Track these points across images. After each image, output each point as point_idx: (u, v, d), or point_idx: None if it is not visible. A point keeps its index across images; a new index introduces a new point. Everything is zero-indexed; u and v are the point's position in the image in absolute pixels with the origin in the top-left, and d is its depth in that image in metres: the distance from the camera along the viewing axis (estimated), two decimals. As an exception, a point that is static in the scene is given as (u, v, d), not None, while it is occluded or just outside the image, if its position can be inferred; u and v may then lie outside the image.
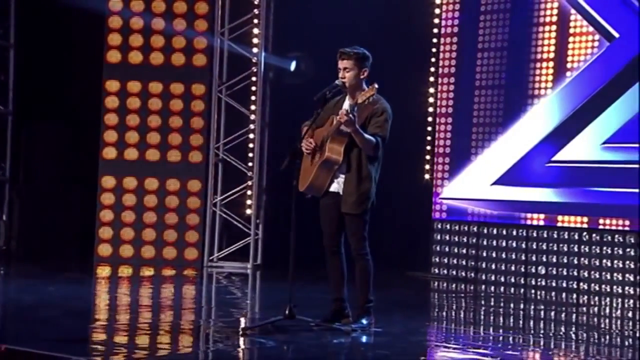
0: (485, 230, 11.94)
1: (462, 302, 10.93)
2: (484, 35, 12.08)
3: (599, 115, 11.16)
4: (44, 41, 13.03)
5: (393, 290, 10.50)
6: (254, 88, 12.51)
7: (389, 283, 10.51)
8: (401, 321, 8.75)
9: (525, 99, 11.77)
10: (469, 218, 12.09)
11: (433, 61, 12.42)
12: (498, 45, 11.99)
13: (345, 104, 7.92)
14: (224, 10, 12.42)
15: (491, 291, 11.47)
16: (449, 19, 12.35)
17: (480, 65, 12.07)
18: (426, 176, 12.37)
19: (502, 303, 10.76)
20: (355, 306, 8.00)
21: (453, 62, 12.30)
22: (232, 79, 12.51)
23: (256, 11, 12.47)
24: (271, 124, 12.66)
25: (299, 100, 12.35)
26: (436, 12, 12.38)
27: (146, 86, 12.42)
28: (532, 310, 10.37)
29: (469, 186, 12.07)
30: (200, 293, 10.87)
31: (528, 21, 11.75)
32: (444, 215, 12.29)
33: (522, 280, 11.61)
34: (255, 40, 12.48)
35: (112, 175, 12.40)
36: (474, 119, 12.12)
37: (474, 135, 12.12)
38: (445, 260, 12.22)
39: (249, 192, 12.52)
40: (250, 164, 12.51)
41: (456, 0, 12.30)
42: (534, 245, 11.59)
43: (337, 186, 7.93)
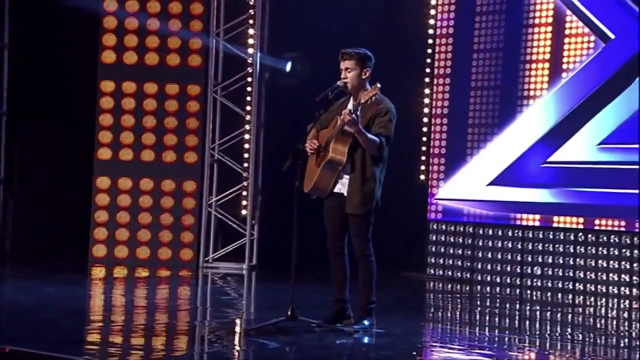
0: (481, 231, 11.96)
1: (460, 303, 10.96)
2: (479, 36, 12.10)
3: (595, 116, 11.18)
4: (39, 41, 12.99)
5: (389, 291, 10.50)
6: (250, 89, 12.51)
7: (385, 284, 10.43)
8: (401, 322, 8.77)
9: (521, 100, 11.78)
10: (465, 219, 12.12)
11: (428, 62, 12.45)
12: (493, 46, 12.01)
13: (350, 105, 7.92)
14: (219, 10, 12.41)
15: (487, 292, 11.48)
16: (444, 19, 12.38)
17: (476, 66, 12.10)
18: (421, 177, 12.40)
19: (498, 304, 10.77)
20: (356, 307, 8.00)
21: (448, 63, 12.32)
22: (228, 80, 12.49)
23: (251, 12, 12.46)
24: (266, 125, 12.65)
25: (294, 101, 12.43)
26: (432, 13, 12.41)
27: (141, 87, 12.40)
28: (528, 311, 10.40)
29: (465, 187, 12.10)
30: (200, 294, 10.92)
31: (523, 22, 11.76)
32: (439, 216, 12.32)
33: (518, 280, 11.63)
34: (251, 40, 12.47)
35: (107, 176, 12.37)
36: (470, 120, 12.14)
37: (469, 135, 12.14)
38: (441, 260, 12.25)
39: (245, 193, 12.51)
40: (246, 164, 12.50)
41: (452, 2, 12.33)
42: (529, 246, 11.61)
43: (342, 187, 7.93)
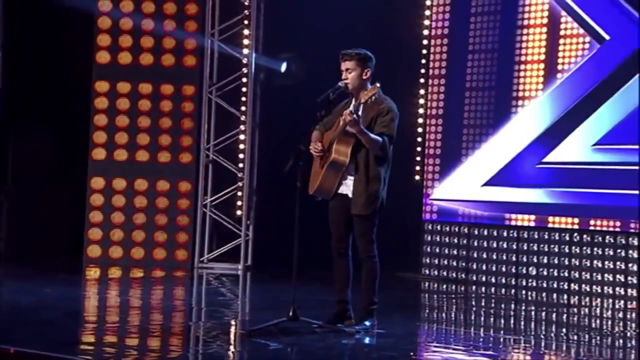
0: (476, 231, 11.99)
1: (458, 304, 10.98)
2: (474, 37, 12.13)
3: (590, 117, 11.20)
4: (33, 41, 12.96)
5: (386, 291, 10.48)
6: (245, 89, 12.52)
7: (380, 284, 10.51)
8: (401, 322, 8.79)
9: (516, 101, 11.81)
10: (460, 219, 12.14)
11: (424, 62, 12.48)
12: (488, 47, 12.04)
13: (351, 106, 7.91)
14: (214, 11, 12.41)
15: (482, 292, 11.50)
16: (439, 20, 12.41)
17: (471, 67, 12.13)
18: (417, 177, 12.43)
19: (493, 304, 10.80)
20: (357, 308, 8.02)
21: (444, 64, 12.36)
22: (223, 80, 12.50)
23: (246, 12, 12.47)
24: (262, 125, 12.65)
25: (289, 102, 12.49)
26: (426, 14, 12.45)
27: (136, 87, 12.39)
28: (524, 311, 10.42)
29: (460, 187, 12.12)
30: (195, 294, 10.94)
31: (518, 23, 11.78)
32: (434, 216, 12.34)
33: (513, 281, 11.65)
34: (246, 41, 12.48)
35: (102, 176, 12.36)
36: (465, 121, 12.17)
37: (464, 136, 12.17)
38: (436, 261, 12.27)
39: (240, 193, 12.52)
40: (241, 165, 12.51)
41: (446, 2, 12.35)
42: (524, 246, 11.63)
43: (346, 188, 7.92)
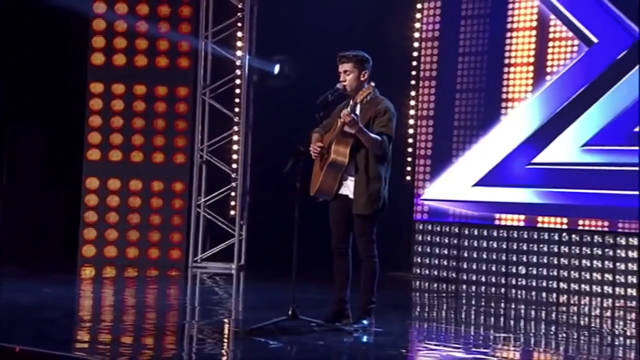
0: (466, 231, 12.05)
1: (449, 302, 11.03)
2: (464, 39, 12.19)
3: (579, 118, 11.26)
4: (28, 43, 12.97)
5: (378, 290, 10.59)
6: (238, 91, 12.57)
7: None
8: (397, 321, 8.86)
9: (506, 103, 11.88)
10: (450, 219, 12.20)
11: (415, 65, 12.56)
12: (478, 49, 12.10)
13: (348, 108, 7.92)
14: (208, 13, 12.46)
15: (472, 291, 11.56)
16: (430, 23, 12.48)
17: (461, 69, 12.19)
18: (408, 177, 12.48)
19: (484, 302, 10.85)
20: (355, 306, 8.07)
21: (434, 66, 12.43)
22: (216, 82, 12.55)
23: (240, 15, 12.52)
24: (255, 126, 12.69)
25: (282, 103, 12.58)
26: (417, 17, 12.51)
27: (130, 88, 12.45)
28: (513, 310, 10.50)
29: (450, 187, 12.18)
30: (189, 294, 11.00)
31: (508, 26, 11.86)
32: (425, 216, 12.41)
33: (503, 280, 11.71)
34: (239, 43, 12.54)
35: (97, 177, 12.42)
36: (455, 122, 12.23)
37: (454, 137, 12.23)
38: (427, 260, 12.34)
39: (233, 194, 12.57)
40: (235, 165, 12.56)
41: (437, 6, 12.43)
42: (514, 246, 11.69)
43: (346, 189, 7.96)
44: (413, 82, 12.56)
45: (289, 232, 8.35)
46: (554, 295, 11.26)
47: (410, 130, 12.48)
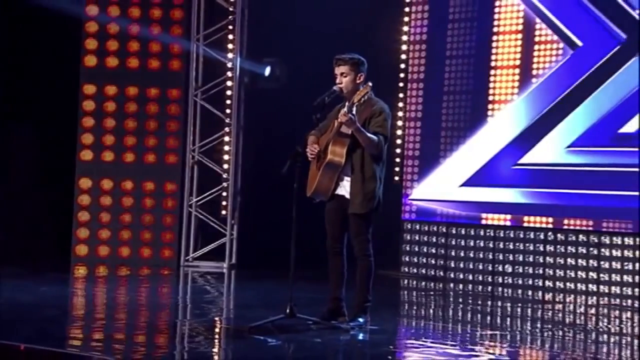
0: (454, 230, 12.12)
1: (441, 301, 11.04)
2: (452, 42, 12.25)
3: (564, 120, 11.35)
4: (22, 45, 12.98)
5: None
6: (229, 92, 12.64)
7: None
8: (391, 319, 8.97)
9: (492, 105, 11.95)
10: (438, 218, 12.25)
11: (403, 67, 12.61)
12: (465, 52, 12.16)
13: (345, 109, 7.99)
14: (200, 16, 12.54)
15: (460, 289, 11.62)
16: (417, 27, 12.52)
17: (449, 72, 12.25)
18: (396, 178, 12.52)
19: (471, 300, 10.90)
20: (351, 305, 8.11)
21: (422, 69, 12.48)
22: (208, 83, 12.63)
23: (231, 17, 12.61)
24: (246, 127, 12.77)
25: (273, 105, 12.70)
26: (405, 20, 12.58)
27: (123, 90, 12.52)
28: (500, 307, 10.57)
29: (438, 188, 12.24)
30: (181, 292, 11.09)
31: (494, 30, 11.94)
32: (413, 216, 12.45)
33: (490, 278, 11.80)
34: (230, 45, 12.61)
35: (89, 177, 12.49)
36: (443, 123, 12.29)
37: (442, 138, 12.28)
38: (415, 259, 12.38)
39: (224, 194, 12.65)
40: (226, 166, 12.63)
41: (425, 9, 12.47)
42: (500, 245, 11.77)
43: (343, 189, 8.01)
44: (401, 85, 12.63)
45: (280, 232, 8.43)
46: (540, 293, 11.33)
47: (399, 132, 12.53)
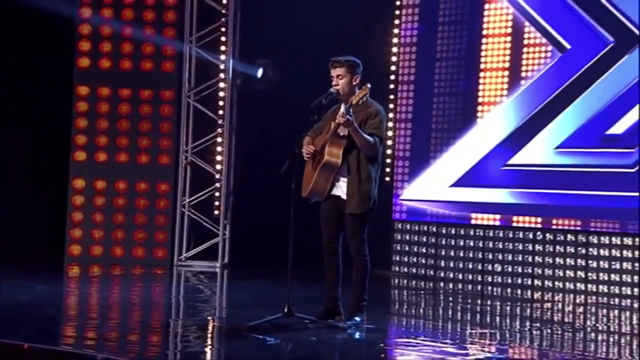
0: (444, 230, 12.21)
1: (431, 300, 11.10)
2: (442, 45, 12.36)
3: (552, 122, 11.46)
4: (16, 46, 13.00)
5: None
6: (222, 94, 12.69)
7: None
8: (386, 317, 9.05)
9: (482, 106, 12.05)
10: (428, 218, 12.35)
11: (393, 69, 12.72)
12: (455, 54, 12.28)
13: (342, 108, 8.06)
14: (193, 18, 12.59)
15: (450, 288, 11.69)
16: (408, 29, 12.62)
17: (439, 74, 12.35)
18: (387, 178, 12.58)
19: (461, 299, 10.98)
20: (347, 304, 8.18)
21: (412, 71, 12.57)
22: (201, 85, 12.68)
23: (224, 20, 12.68)
24: (238, 129, 12.82)
25: (265, 106, 12.79)
26: (396, 23, 12.68)
27: (116, 91, 12.57)
28: (489, 306, 10.64)
29: (428, 188, 12.33)
30: (174, 292, 11.16)
31: (484, 32, 12.04)
32: (404, 216, 12.55)
33: (479, 277, 11.89)
34: (223, 47, 12.68)
35: (83, 177, 12.54)
36: (433, 125, 12.39)
37: (432, 139, 12.38)
38: (406, 259, 12.48)
39: (217, 194, 12.71)
40: (218, 166, 12.69)
41: (415, 12, 12.57)
42: (490, 245, 11.88)
43: (339, 190, 8.07)
44: (392, 86, 12.73)
45: (272, 232, 8.49)
46: (529, 292, 11.43)
47: (390, 133, 12.58)
